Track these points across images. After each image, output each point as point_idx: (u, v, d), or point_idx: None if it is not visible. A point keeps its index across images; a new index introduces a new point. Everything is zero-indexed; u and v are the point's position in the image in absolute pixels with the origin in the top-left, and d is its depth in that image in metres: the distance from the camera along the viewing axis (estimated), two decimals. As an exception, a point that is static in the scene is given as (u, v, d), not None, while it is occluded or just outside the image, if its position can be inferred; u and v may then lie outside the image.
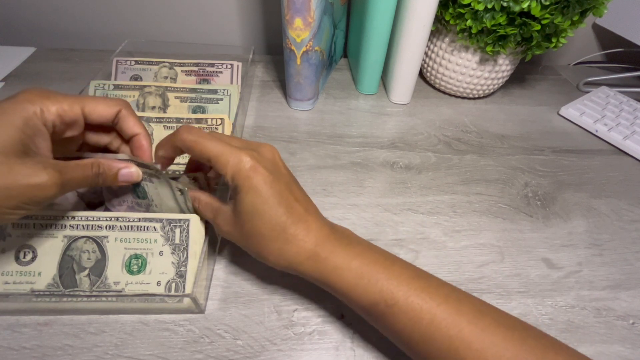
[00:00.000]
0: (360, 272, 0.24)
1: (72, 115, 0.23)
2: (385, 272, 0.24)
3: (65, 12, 0.59)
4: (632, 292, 0.33)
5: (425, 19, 0.44)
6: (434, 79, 0.56)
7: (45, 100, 0.22)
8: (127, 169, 0.26)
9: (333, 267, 0.25)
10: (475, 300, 0.24)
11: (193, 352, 0.27)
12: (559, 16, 0.42)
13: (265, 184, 0.24)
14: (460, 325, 0.22)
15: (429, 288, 0.24)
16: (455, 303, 0.23)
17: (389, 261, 0.25)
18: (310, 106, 0.52)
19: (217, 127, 0.36)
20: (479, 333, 0.22)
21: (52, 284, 0.27)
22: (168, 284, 0.27)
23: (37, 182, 0.20)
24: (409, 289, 0.23)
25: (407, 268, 0.25)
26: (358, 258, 0.25)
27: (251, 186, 0.24)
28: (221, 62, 0.46)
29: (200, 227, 0.28)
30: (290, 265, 0.26)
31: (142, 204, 0.29)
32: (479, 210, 0.39)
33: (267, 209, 0.24)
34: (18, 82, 0.51)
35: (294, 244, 0.25)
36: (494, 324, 0.22)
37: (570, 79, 0.63)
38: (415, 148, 0.47)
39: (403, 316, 0.23)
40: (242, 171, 0.24)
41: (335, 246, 0.25)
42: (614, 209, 0.41)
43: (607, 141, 0.50)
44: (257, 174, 0.24)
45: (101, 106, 0.25)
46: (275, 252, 0.25)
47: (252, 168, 0.24)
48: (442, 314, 0.22)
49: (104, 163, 0.25)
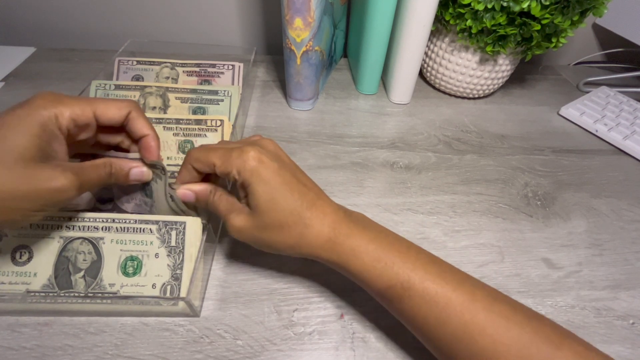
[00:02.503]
0: (376, 255, 0.25)
1: (85, 118, 0.24)
2: (401, 256, 0.25)
3: (65, 12, 0.59)
4: (632, 292, 0.33)
5: (425, 19, 0.44)
6: (434, 79, 0.56)
7: (59, 105, 0.23)
8: (138, 168, 0.27)
9: (350, 249, 0.25)
10: (489, 287, 0.24)
11: (193, 352, 0.27)
12: (559, 16, 0.42)
13: (273, 173, 0.25)
14: (476, 310, 0.22)
15: (444, 273, 0.24)
16: (470, 288, 0.23)
17: (404, 246, 0.26)
18: (310, 106, 0.52)
19: (216, 128, 0.36)
20: (494, 319, 0.22)
21: (48, 284, 0.27)
22: (163, 287, 0.27)
23: (57, 186, 0.21)
24: (425, 273, 0.24)
25: (422, 253, 0.26)
26: (374, 241, 0.25)
27: (260, 177, 0.24)
28: (222, 63, 0.46)
29: (197, 230, 0.28)
30: (310, 251, 0.26)
31: (148, 203, 0.30)
32: (479, 210, 0.39)
33: (279, 197, 0.25)
34: (18, 82, 0.51)
35: (313, 227, 0.25)
36: (510, 311, 0.22)
37: (570, 79, 0.63)
38: (415, 148, 0.47)
39: (419, 299, 0.23)
40: (247, 164, 0.24)
41: (351, 229, 0.26)
42: (614, 209, 0.41)
43: (607, 141, 0.50)
44: (263, 165, 0.25)
45: (112, 109, 0.25)
46: (295, 238, 0.25)
47: (256, 159, 0.25)
48: (457, 299, 0.23)
49: (116, 163, 0.26)
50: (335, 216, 0.26)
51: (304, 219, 0.25)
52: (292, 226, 0.25)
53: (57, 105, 0.23)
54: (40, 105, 0.22)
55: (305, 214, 0.25)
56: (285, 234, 0.25)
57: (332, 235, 0.25)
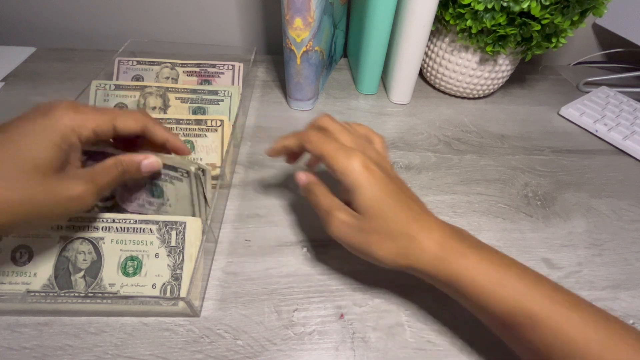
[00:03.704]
0: (495, 278, 0.23)
1: (106, 131, 0.25)
2: (521, 281, 0.23)
3: (65, 12, 0.59)
4: (632, 292, 0.33)
5: (425, 19, 0.44)
6: (434, 79, 0.56)
7: (82, 116, 0.23)
8: (147, 159, 0.27)
9: (464, 269, 0.24)
10: (610, 316, 0.23)
11: (193, 352, 0.27)
12: (559, 16, 0.42)
13: (381, 181, 0.25)
14: (607, 344, 0.21)
15: (570, 303, 0.23)
16: (595, 317, 0.22)
17: (521, 269, 0.24)
18: (310, 106, 0.52)
19: (216, 128, 0.36)
20: (632, 354, 0.21)
21: (48, 284, 0.27)
22: (163, 287, 0.27)
23: (77, 195, 0.22)
24: (551, 303, 0.22)
25: (542, 278, 0.24)
26: (491, 263, 0.24)
27: (368, 184, 0.25)
28: (222, 63, 0.46)
29: (197, 230, 0.28)
30: (411, 265, 0.25)
31: (154, 203, 0.30)
32: (479, 210, 0.39)
33: (387, 205, 0.25)
34: (18, 82, 0.51)
35: (420, 241, 0.24)
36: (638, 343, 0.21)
37: (570, 79, 0.63)
38: (415, 148, 0.47)
39: (544, 330, 0.22)
40: (354, 169, 0.25)
41: (462, 247, 0.24)
42: (614, 209, 0.41)
43: (607, 141, 0.50)
44: (370, 172, 0.25)
45: (130, 121, 0.26)
46: (400, 249, 0.25)
47: (363, 165, 0.25)
48: (588, 334, 0.21)
49: (125, 159, 0.26)
50: (442, 232, 0.25)
51: (411, 231, 0.24)
52: (398, 236, 0.25)
53: (80, 116, 0.23)
54: (62, 116, 0.22)
55: (412, 226, 0.25)
56: (390, 243, 0.25)
57: (441, 252, 0.24)
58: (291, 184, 0.40)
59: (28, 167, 0.20)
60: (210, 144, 0.37)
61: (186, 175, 0.28)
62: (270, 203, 0.38)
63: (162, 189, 0.29)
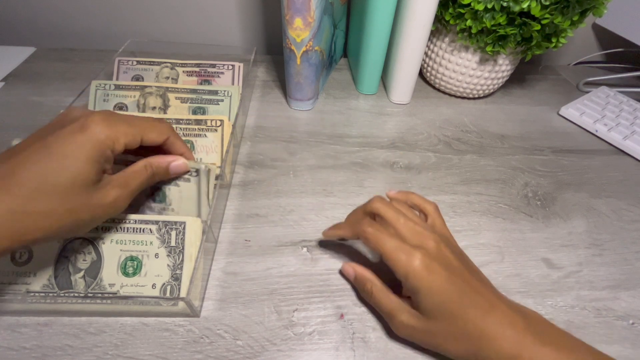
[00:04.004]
0: None
1: (135, 143, 0.26)
2: None
3: (65, 12, 0.59)
4: (632, 292, 0.33)
5: (425, 19, 0.44)
6: (434, 79, 0.56)
7: (115, 131, 0.24)
8: (176, 161, 0.28)
9: None
10: None
11: (193, 353, 0.27)
12: (559, 16, 0.42)
13: (444, 281, 0.25)
14: None
15: None
16: None
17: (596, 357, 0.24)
18: (310, 106, 0.52)
19: (216, 128, 0.36)
20: None
21: (48, 284, 0.27)
22: (163, 287, 0.27)
23: (112, 201, 0.24)
24: None
25: None
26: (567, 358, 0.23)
27: (430, 287, 0.24)
28: (222, 63, 0.46)
29: (197, 230, 0.28)
30: None
31: (154, 208, 0.30)
32: (479, 210, 0.39)
33: (453, 307, 0.24)
34: (18, 82, 0.51)
35: (492, 340, 0.24)
36: None
37: (570, 79, 0.63)
38: (415, 148, 0.47)
39: None
40: (417, 271, 0.25)
41: (538, 345, 0.23)
42: (614, 209, 0.41)
43: (607, 141, 0.50)
44: (432, 274, 0.25)
45: (154, 133, 0.27)
46: (471, 349, 0.24)
47: (424, 267, 0.25)
48: None
49: (154, 161, 0.27)
50: (514, 328, 0.24)
51: (480, 330, 0.24)
52: (468, 337, 0.24)
53: (113, 132, 0.24)
54: (99, 133, 0.23)
55: (481, 324, 0.24)
56: (460, 345, 0.24)
57: (517, 350, 0.23)
58: (291, 184, 0.40)
59: (71, 183, 0.22)
60: (210, 144, 0.37)
61: (195, 174, 0.29)
62: (270, 203, 0.38)
63: (165, 192, 0.29)
